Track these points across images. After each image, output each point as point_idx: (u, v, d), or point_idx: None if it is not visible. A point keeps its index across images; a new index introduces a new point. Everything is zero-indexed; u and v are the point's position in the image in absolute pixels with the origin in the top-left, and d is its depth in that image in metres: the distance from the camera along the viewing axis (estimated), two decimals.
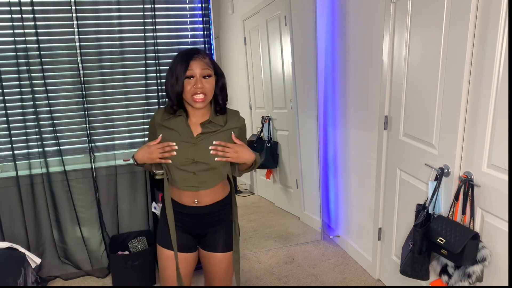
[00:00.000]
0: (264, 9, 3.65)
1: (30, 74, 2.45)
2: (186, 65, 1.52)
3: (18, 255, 2.23)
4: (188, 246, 1.72)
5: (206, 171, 1.60)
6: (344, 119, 2.82)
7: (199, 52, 1.57)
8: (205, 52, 1.60)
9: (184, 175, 1.61)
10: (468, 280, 1.68)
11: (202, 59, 1.54)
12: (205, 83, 1.54)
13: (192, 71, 1.52)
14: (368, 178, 2.60)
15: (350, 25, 2.64)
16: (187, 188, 1.63)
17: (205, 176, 1.62)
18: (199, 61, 1.53)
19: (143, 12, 2.54)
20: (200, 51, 1.58)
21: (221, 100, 1.65)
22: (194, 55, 1.54)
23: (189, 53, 1.55)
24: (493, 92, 1.61)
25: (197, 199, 1.64)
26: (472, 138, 1.74)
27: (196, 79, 1.53)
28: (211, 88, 1.56)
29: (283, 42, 3.44)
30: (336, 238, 3.10)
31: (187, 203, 1.66)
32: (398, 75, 2.20)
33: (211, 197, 1.66)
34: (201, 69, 1.53)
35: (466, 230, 1.69)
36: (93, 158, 2.63)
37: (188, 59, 1.53)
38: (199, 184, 1.62)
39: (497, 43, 1.57)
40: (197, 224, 1.70)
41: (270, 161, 3.78)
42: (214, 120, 1.62)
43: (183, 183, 1.62)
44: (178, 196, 1.67)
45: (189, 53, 1.55)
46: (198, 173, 1.61)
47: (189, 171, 1.60)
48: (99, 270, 2.75)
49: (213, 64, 1.60)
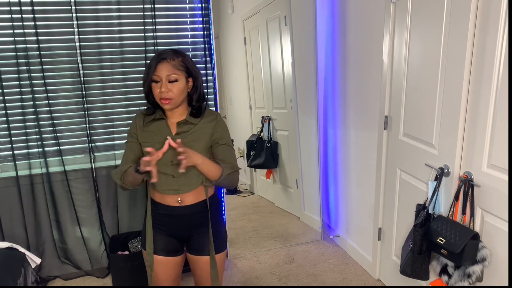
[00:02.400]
0: (264, 9, 3.65)
1: (30, 74, 2.45)
2: (153, 69, 1.53)
3: (18, 255, 2.23)
4: (173, 249, 1.72)
5: (185, 173, 1.57)
6: (344, 119, 2.82)
7: (169, 54, 1.55)
8: (177, 53, 1.58)
9: (163, 179, 1.61)
10: (468, 280, 1.68)
11: (170, 61, 1.53)
12: (170, 87, 1.54)
13: (158, 76, 1.53)
14: (368, 178, 2.60)
15: (350, 25, 2.64)
16: (167, 192, 1.65)
17: (184, 179, 1.62)
18: (166, 65, 1.53)
19: (143, 12, 2.54)
20: (171, 53, 1.56)
21: (195, 101, 1.65)
22: (162, 59, 1.53)
23: (158, 55, 1.55)
24: (493, 92, 1.61)
25: (180, 198, 1.65)
26: (472, 138, 1.74)
27: (161, 83, 1.53)
28: (177, 91, 1.56)
29: (283, 42, 3.44)
30: (336, 238, 3.10)
31: (171, 203, 1.66)
32: (398, 75, 2.20)
33: (194, 197, 1.67)
34: (167, 73, 1.53)
35: (466, 230, 1.69)
36: (93, 158, 2.63)
37: (156, 62, 1.54)
38: (179, 187, 1.64)
39: (497, 43, 1.57)
40: (182, 227, 1.70)
41: (270, 161, 3.78)
42: (191, 120, 1.64)
43: (162, 186, 1.64)
44: (161, 197, 1.68)
45: (159, 55, 1.55)
46: (177, 176, 1.61)
47: (168, 174, 1.61)
48: (99, 270, 2.75)
49: (187, 65, 1.58)
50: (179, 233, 1.72)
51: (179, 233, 1.72)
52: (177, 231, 1.72)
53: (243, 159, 4.06)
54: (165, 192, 1.65)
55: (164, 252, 1.70)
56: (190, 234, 1.72)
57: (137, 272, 2.54)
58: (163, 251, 1.70)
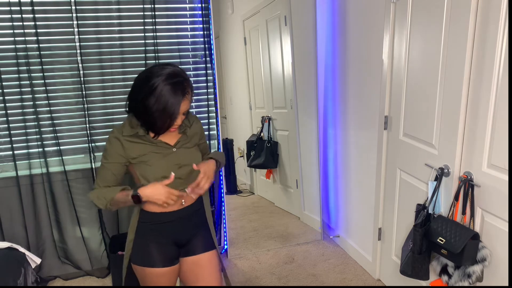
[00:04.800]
0: (264, 9, 3.65)
1: (30, 74, 2.45)
2: (179, 108, 1.48)
3: (18, 255, 2.23)
4: (172, 258, 1.69)
5: (191, 173, 1.61)
6: (344, 119, 2.82)
7: (187, 86, 1.50)
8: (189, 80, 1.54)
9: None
10: (468, 280, 1.68)
11: (188, 96, 1.51)
12: (181, 117, 1.55)
13: (179, 113, 1.51)
14: (368, 178, 2.60)
15: (350, 25, 2.64)
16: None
17: (190, 178, 1.63)
18: (186, 101, 1.51)
19: (143, 12, 2.54)
20: (188, 85, 1.51)
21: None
22: (185, 94, 1.49)
23: (180, 89, 1.47)
24: (493, 92, 1.61)
25: (184, 199, 1.64)
26: (472, 138, 1.74)
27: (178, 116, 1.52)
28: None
29: (283, 42, 3.44)
30: (336, 238, 3.10)
31: (175, 207, 1.64)
32: (398, 75, 2.20)
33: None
34: (185, 108, 1.52)
35: (466, 230, 1.69)
36: (93, 158, 2.63)
37: (179, 100, 1.47)
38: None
39: (497, 43, 1.57)
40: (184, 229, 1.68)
41: (270, 161, 3.78)
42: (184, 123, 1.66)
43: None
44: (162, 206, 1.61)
45: (181, 89, 1.47)
46: (184, 177, 1.62)
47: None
48: (99, 270, 2.75)
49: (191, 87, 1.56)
50: (181, 237, 1.69)
51: (180, 236, 1.69)
52: (178, 235, 1.68)
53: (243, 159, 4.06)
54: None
55: (163, 263, 1.64)
56: (190, 236, 1.71)
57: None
58: (162, 262, 1.64)
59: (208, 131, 2.79)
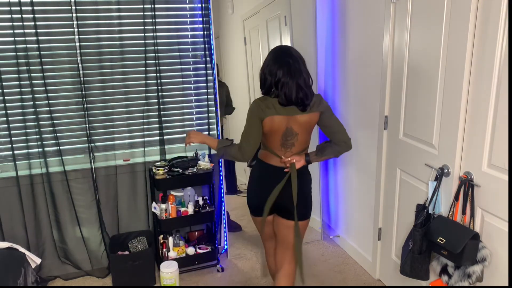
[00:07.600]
0: (264, 9, 3.65)
1: (30, 74, 2.45)
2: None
3: (18, 255, 2.23)
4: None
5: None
6: (344, 119, 2.81)
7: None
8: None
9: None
10: (468, 280, 1.69)
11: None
12: None
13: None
14: (368, 178, 2.60)
15: (350, 25, 2.64)
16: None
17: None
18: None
19: (143, 12, 2.54)
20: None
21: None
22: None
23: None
24: (493, 92, 1.61)
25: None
26: (472, 138, 1.74)
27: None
28: None
29: (283, 42, 3.43)
30: (336, 238, 3.10)
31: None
32: (398, 75, 2.20)
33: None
34: None
35: (466, 230, 1.69)
36: (93, 158, 2.63)
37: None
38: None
39: (497, 43, 1.57)
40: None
41: None
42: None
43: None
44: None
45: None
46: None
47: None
48: (99, 270, 2.75)
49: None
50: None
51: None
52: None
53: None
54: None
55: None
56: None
57: (137, 272, 2.55)
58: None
59: (208, 131, 2.79)
